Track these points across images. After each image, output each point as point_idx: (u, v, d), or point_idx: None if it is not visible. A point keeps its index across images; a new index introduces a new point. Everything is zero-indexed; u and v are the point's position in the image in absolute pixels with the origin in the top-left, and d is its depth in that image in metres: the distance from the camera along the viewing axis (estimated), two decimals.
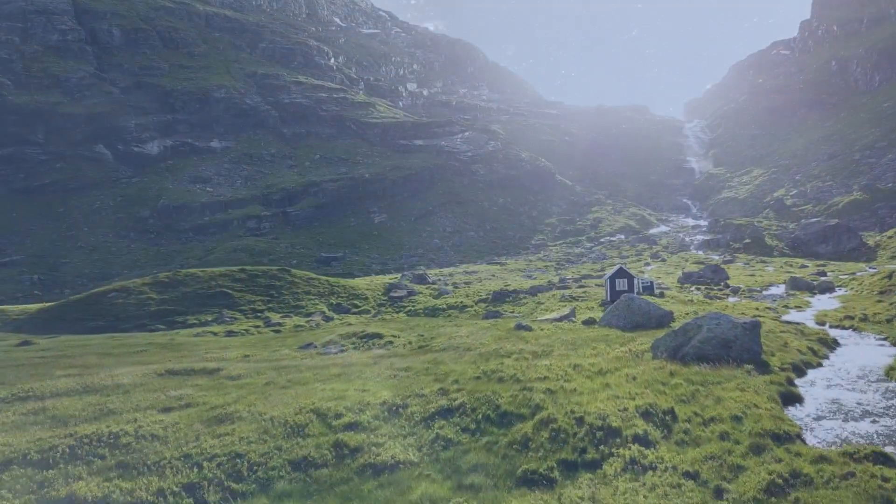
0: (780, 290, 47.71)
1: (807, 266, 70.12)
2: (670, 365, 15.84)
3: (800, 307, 35.49)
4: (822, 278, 51.70)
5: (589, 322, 31.90)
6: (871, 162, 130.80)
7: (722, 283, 53.25)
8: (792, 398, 13.74)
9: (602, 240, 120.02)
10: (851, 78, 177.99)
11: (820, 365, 18.24)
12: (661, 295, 44.08)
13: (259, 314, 43.94)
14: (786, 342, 20.50)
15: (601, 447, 9.73)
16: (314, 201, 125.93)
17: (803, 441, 10.32)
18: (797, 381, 15.57)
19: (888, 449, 9.82)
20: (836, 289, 44.97)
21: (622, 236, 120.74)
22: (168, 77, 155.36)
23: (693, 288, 51.35)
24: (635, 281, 44.19)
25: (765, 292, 46.50)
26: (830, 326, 27.42)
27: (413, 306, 48.72)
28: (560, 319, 34.39)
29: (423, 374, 15.90)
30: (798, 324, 26.68)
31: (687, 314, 30.90)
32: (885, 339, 23.52)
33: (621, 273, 44.76)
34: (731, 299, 43.00)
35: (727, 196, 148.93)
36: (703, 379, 14.14)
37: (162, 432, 9.57)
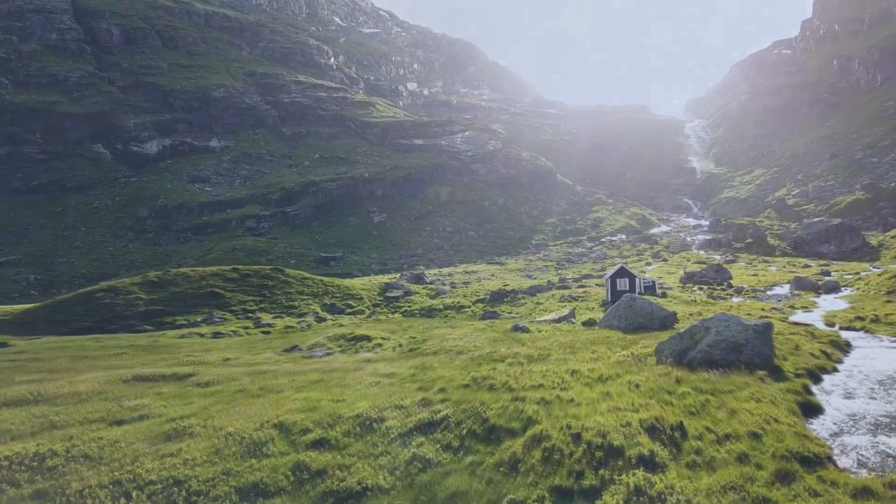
0: (784, 290, 46.51)
1: (810, 266, 68.99)
2: (676, 371, 14.63)
3: (806, 307, 34.19)
4: (827, 278, 50.52)
5: (589, 323, 30.56)
6: (873, 161, 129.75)
7: (725, 283, 52.12)
8: (811, 409, 12.52)
9: (603, 239, 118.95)
10: (853, 77, 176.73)
11: (835, 370, 16.99)
12: (664, 295, 42.96)
13: (250, 315, 42.65)
14: (797, 345, 19.21)
15: (601, 471, 8.46)
16: (313, 201, 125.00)
17: (835, 464, 9.05)
18: (814, 389, 14.35)
19: None
20: (842, 289, 43.59)
21: (623, 236, 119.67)
22: (167, 76, 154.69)
23: (696, 288, 50.19)
24: (637, 280, 42.86)
25: (769, 292, 45.26)
26: (841, 328, 26.13)
27: (409, 307, 47.51)
28: (559, 320, 33.01)
29: (408, 381, 14.69)
30: (807, 325, 25.38)
31: (691, 315, 29.57)
32: None
33: (622, 272, 43.39)
34: (734, 299, 41.76)
35: (728, 196, 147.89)
36: (713, 387, 12.89)
37: (98, 452, 8.28)
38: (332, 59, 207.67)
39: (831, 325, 27.14)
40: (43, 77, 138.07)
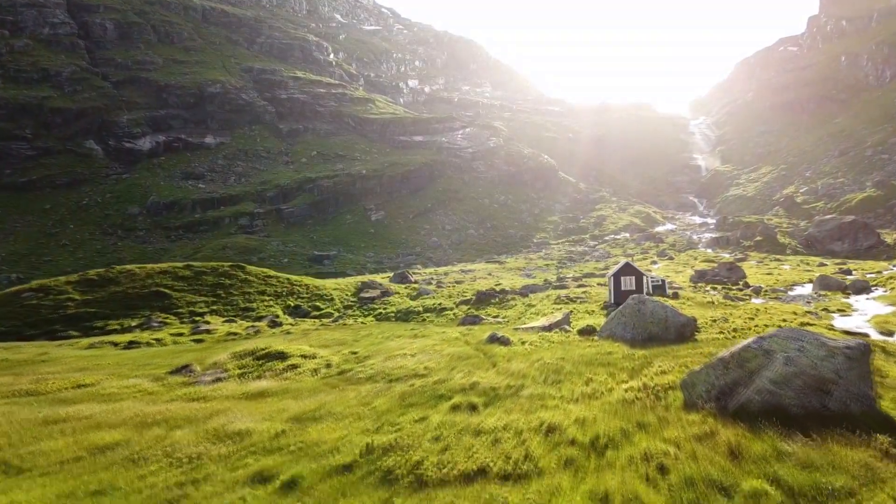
0: (806, 290, 42.98)
1: (825, 264, 65.58)
2: (723, 427, 8.88)
3: (843, 311, 30.30)
4: (850, 277, 47.16)
5: (587, 332, 25.16)
6: (884, 158, 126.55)
7: (740, 283, 48.67)
8: None
9: (606, 238, 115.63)
10: (861, 73, 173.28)
11: None
12: (675, 296, 39.35)
13: (197, 318, 38.53)
14: (878, 368, 13.30)
15: None
16: (309, 198, 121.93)
17: None
18: None
19: None
20: (873, 288, 40.04)
21: (627, 234, 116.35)
22: (162, 72, 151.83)
23: (708, 288, 46.68)
24: (644, 279, 37.97)
25: (790, 293, 41.58)
26: None
27: (384, 309, 43.15)
28: (549, 328, 27.50)
29: (253, 455, 9.22)
30: (863, 334, 21.32)
31: (714, 320, 25.35)
32: None
33: (628, 269, 38.16)
34: (755, 300, 38.03)
35: (735, 193, 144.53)
36: (813, 482, 6.74)
37: None
38: (332, 56, 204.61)
39: (888, 332, 23.09)
40: (35, 72, 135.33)
